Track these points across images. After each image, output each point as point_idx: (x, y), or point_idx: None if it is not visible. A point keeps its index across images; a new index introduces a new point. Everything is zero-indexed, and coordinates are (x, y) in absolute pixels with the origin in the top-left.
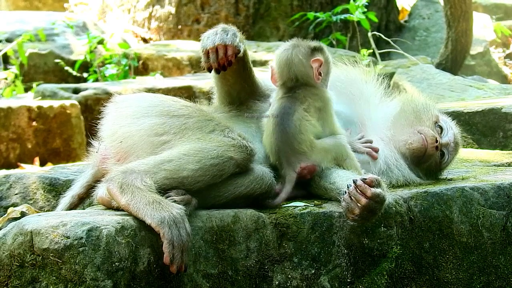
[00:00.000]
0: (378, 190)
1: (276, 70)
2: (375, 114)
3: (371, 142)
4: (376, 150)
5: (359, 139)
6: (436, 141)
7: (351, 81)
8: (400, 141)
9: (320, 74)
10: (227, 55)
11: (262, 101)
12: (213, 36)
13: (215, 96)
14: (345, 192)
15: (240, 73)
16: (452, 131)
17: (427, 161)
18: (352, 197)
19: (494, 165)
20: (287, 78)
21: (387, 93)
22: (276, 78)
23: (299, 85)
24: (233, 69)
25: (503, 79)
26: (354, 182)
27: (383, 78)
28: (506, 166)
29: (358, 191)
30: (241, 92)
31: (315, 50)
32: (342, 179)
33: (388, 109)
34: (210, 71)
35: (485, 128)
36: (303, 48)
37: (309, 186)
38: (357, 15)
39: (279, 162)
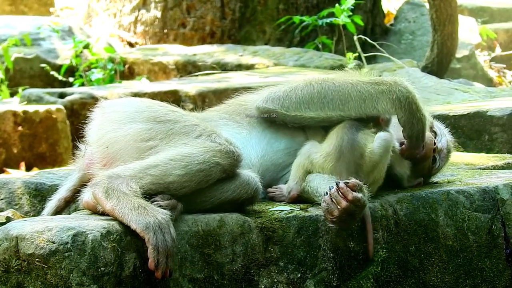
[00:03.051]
0: (359, 195)
1: None
2: None
3: None
4: None
5: None
6: (434, 144)
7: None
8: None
9: (384, 120)
10: None
11: None
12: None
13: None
14: (327, 193)
15: None
16: (445, 137)
17: (420, 163)
18: (333, 198)
19: (480, 168)
20: None
21: None
22: None
23: None
24: None
25: (489, 82)
26: (337, 184)
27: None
28: (491, 169)
29: (340, 193)
30: None
31: None
32: (325, 183)
33: None
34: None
35: (470, 131)
36: None
37: None
38: (342, 19)
39: (337, 159)
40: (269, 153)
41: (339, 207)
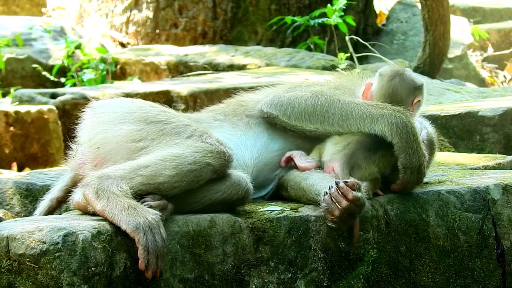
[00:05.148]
0: (359, 194)
1: (377, 92)
2: None
3: None
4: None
5: None
6: None
7: (343, 87)
8: None
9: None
10: None
11: None
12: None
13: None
14: (326, 193)
15: None
16: (425, 130)
17: None
18: (333, 198)
19: (471, 169)
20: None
21: None
22: (372, 97)
23: None
24: None
25: (481, 82)
26: (337, 183)
27: None
28: (482, 169)
29: (340, 193)
30: None
31: (418, 89)
32: (322, 181)
33: None
34: None
35: (462, 132)
36: (408, 83)
37: (287, 188)
38: (334, 19)
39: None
40: (264, 154)
41: (339, 206)
